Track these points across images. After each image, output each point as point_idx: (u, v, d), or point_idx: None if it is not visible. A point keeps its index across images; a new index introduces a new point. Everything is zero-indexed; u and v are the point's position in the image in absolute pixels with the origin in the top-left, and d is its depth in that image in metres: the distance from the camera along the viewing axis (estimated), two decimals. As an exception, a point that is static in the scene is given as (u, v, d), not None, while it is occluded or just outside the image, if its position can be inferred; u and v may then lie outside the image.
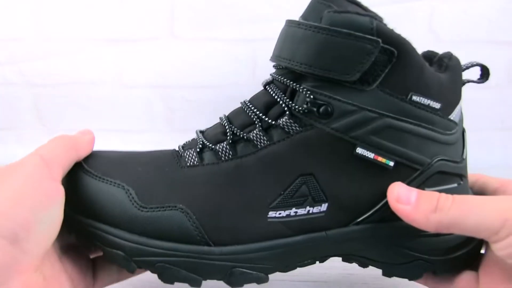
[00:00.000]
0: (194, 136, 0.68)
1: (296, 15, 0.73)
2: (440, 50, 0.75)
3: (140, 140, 0.78)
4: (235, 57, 0.75)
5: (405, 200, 0.28)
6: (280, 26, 0.37)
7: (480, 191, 0.35)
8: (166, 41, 0.75)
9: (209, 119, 0.74)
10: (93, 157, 0.32)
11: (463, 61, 0.77)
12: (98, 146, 0.79)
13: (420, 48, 0.80)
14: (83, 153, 0.31)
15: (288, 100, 0.30)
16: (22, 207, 0.24)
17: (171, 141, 0.77)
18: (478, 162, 0.78)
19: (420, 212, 0.28)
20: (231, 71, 0.75)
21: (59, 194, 0.26)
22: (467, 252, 0.32)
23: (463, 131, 0.34)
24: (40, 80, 0.76)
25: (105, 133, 0.79)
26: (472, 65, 0.33)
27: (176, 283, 0.30)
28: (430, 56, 0.33)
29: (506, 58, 0.76)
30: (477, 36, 0.75)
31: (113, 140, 0.78)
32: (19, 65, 0.75)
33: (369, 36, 0.27)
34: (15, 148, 0.76)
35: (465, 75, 0.34)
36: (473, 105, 0.78)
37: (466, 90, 0.79)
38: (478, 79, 0.34)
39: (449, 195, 0.28)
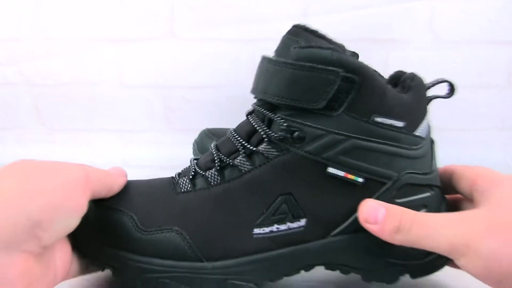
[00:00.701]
0: (194, 135, 0.68)
1: (296, 15, 0.73)
2: (440, 50, 0.76)
3: (140, 140, 0.78)
4: (235, 57, 0.75)
5: (373, 220, 0.32)
6: (280, 26, 0.37)
7: (455, 186, 0.37)
8: (166, 41, 0.75)
9: (209, 119, 0.75)
10: None
11: (463, 62, 0.77)
12: (98, 146, 0.79)
13: (420, 48, 0.80)
14: (111, 194, 0.34)
15: (266, 128, 0.33)
16: (55, 202, 0.28)
17: (171, 141, 0.78)
18: (478, 162, 0.77)
19: (385, 231, 0.31)
20: (231, 71, 0.75)
21: (82, 210, 0.30)
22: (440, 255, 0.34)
23: (432, 143, 0.37)
24: (40, 80, 0.76)
25: (105, 133, 0.79)
26: (438, 82, 0.36)
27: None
28: (398, 76, 0.36)
29: (506, 58, 0.76)
30: (477, 36, 0.75)
31: (113, 140, 0.78)
32: (19, 65, 0.75)
33: (330, 68, 0.31)
34: (15, 148, 0.76)
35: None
36: (473, 105, 0.78)
37: (466, 90, 0.79)
38: (446, 93, 0.36)
39: (411, 215, 0.31)
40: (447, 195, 0.38)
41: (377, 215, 0.31)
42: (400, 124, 0.33)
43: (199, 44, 0.75)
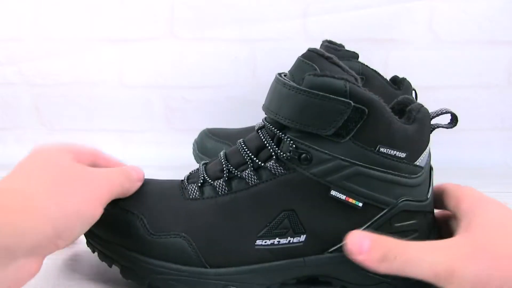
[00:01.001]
0: (194, 135, 0.68)
1: (296, 15, 0.73)
2: (440, 50, 0.76)
3: (140, 140, 0.78)
4: (235, 57, 0.75)
5: (358, 250, 0.32)
6: (280, 26, 0.37)
7: (443, 203, 0.38)
8: (166, 41, 0.75)
9: (209, 119, 0.75)
10: None
11: (463, 62, 0.77)
12: (98, 146, 0.79)
13: (420, 48, 0.79)
14: (125, 196, 0.36)
15: (275, 146, 0.35)
16: (78, 213, 0.30)
17: (171, 141, 0.78)
18: (478, 162, 0.78)
19: (371, 261, 0.32)
20: (231, 71, 0.75)
21: (97, 217, 0.32)
22: None
23: (431, 169, 0.39)
24: (40, 80, 0.76)
25: (105, 133, 0.79)
26: (442, 113, 0.37)
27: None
28: (405, 103, 0.37)
29: (506, 58, 0.76)
30: (477, 36, 0.75)
31: (113, 140, 0.78)
32: (19, 65, 0.75)
33: (342, 99, 0.32)
34: (15, 148, 0.76)
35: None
36: (473, 105, 0.78)
37: (466, 90, 0.79)
38: (448, 123, 0.38)
39: (395, 244, 0.32)
40: (438, 209, 0.39)
41: (362, 246, 0.33)
42: (402, 154, 0.34)
43: (199, 44, 0.75)
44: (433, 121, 0.37)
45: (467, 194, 0.36)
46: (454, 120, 0.37)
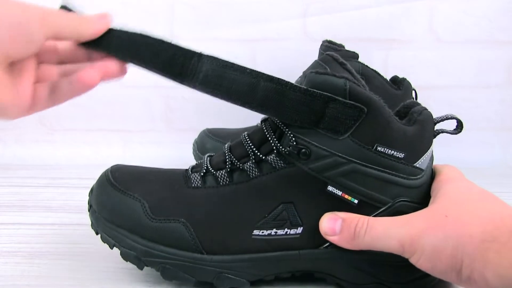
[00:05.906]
0: (194, 135, 0.68)
1: (296, 15, 0.73)
2: (440, 50, 0.76)
3: (140, 140, 0.78)
4: (235, 57, 0.75)
5: (331, 232, 0.34)
6: (280, 26, 0.37)
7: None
8: (166, 41, 0.75)
9: (209, 119, 0.75)
10: (119, 171, 0.40)
11: (463, 62, 0.77)
12: (98, 146, 0.79)
13: (420, 48, 0.79)
14: (83, 39, 0.36)
15: (276, 141, 0.35)
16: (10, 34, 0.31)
17: (171, 141, 0.78)
18: (478, 162, 0.78)
19: (343, 240, 0.34)
20: (231, 71, 0.75)
21: (38, 43, 0.33)
22: (421, 277, 0.36)
23: (433, 173, 0.39)
24: (40, 80, 0.76)
25: (105, 133, 0.79)
26: (447, 118, 0.37)
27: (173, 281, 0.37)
28: (409, 106, 0.37)
29: (506, 58, 0.76)
30: (477, 36, 0.75)
31: (113, 140, 0.78)
32: (19, 65, 0.75)
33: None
34: (15, 148, 0.76)
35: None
36: (473, 105, 0.78)
37: (466, 90, 0.79)
38: (453, 129, 0.37)
39: (365, 221, 0.34)
40: None
41: (335, 227, 0.34)
42: (400, 155, 0.34)
43: (199, 44, 0.75)
44: (437, 126, 0.37)
45: (442, 173, 0.37)
46: (459, 126, 0.37)
